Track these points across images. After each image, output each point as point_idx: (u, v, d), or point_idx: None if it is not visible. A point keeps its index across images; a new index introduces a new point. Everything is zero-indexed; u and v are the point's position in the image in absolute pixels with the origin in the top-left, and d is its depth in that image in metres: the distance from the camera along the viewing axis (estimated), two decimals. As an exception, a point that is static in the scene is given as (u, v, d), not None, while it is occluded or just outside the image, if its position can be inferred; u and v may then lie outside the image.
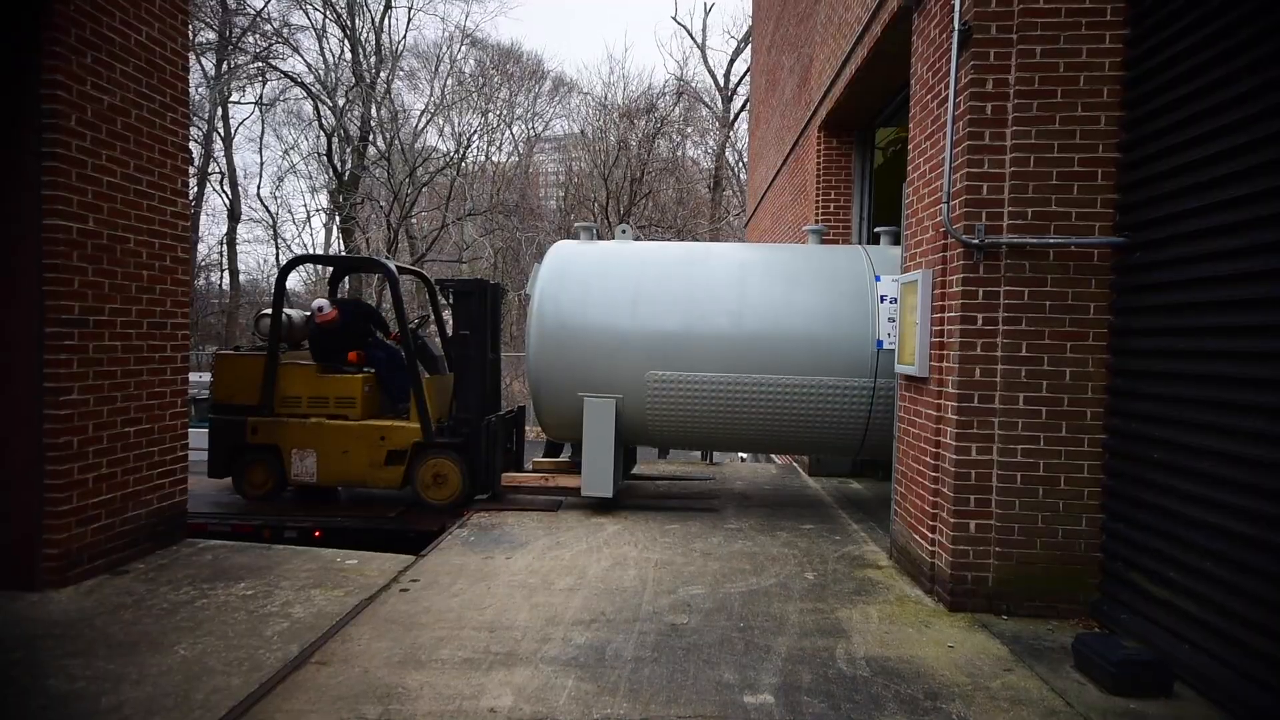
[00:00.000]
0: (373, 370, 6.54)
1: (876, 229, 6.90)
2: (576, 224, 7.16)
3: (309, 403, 6.31)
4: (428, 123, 29.26)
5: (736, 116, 32.47)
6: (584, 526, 5.78)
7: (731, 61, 36.14)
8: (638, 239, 7.19)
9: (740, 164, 32.62)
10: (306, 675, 3.22)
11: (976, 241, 3.97)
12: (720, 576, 4.64)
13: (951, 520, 4.06)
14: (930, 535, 4.30)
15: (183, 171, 5.13)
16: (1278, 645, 2.84)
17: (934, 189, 4.41)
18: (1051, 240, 3.94)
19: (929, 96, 4.54)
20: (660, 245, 6.93)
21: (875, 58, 6.10)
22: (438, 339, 7.82)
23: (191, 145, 5.37)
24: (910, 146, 4.86)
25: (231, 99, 28.46)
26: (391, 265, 6.66)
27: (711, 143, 31.25)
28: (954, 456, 4.05)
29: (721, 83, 32.68)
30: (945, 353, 4.19)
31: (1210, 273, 3.37)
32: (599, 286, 6.13)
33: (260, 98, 29.59)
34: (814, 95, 8.33)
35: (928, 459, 4.35)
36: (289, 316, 6.66)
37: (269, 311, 6.66)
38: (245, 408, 6.28)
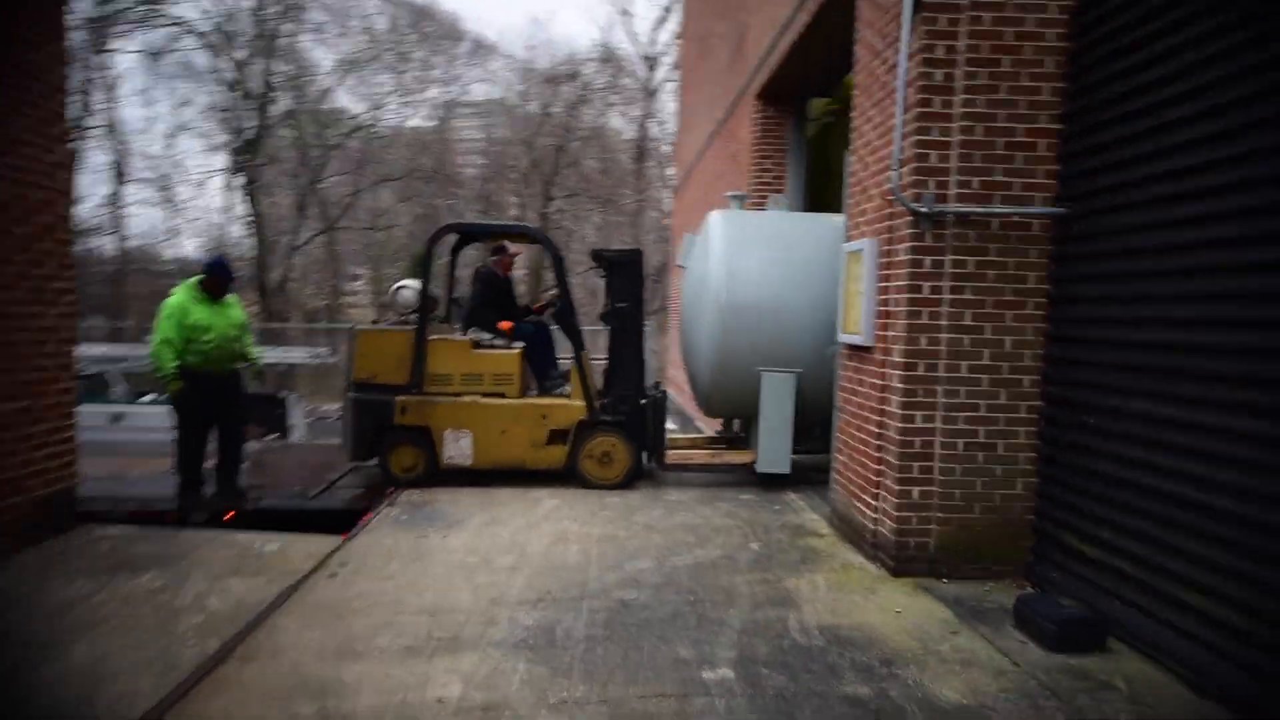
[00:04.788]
0: (523, 345, 6.18)
1: (729, 193, 6.86)
2: (727, 193, 6.88)
3: (461, 380, 5.92)
4: (338, 81, 27.71)
5: (660, 86, 32.20)
6: (520, 502, 5.59)
7: (655, 29, 35.69)
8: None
9: (663, 135, 32.48)
10: (229, 672, 2.95)
11: (925, 210, 3.96)
12: (665, 550, 4.56)
13: (896, 488, 4.10)
14: (873, 503, 4.34)
15: (61, 116, 4.57)
16: (1208, 600, 2.97)
17: (880, 157, 4.37)
18: (997, 210, 3.97)
19: (876, 62, 4.49)
20: (825, 216, 6.62)
21: (817, 24, 6.03)
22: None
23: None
24: (854, 114, 4.82)
25: (112, 47, 26.06)
26: (546, 235, 6.39)
27: (635, 112, 30.90)
28: (899, 425, 4.08)
29: (646, 51, 32.31)
30: (891, 321, 4.20)
31: (1148, 243, 3.46)
32: (778, 257, 5.95)
33: (147, 46, 27.23)
34: (749, 62, 8.22)
35: (871, 427, 4.37)
36: (414, 290, 6.16)
37: (409, 283, 6.24)
38: (391, 387, 5.84)
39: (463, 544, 4.59)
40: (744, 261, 5.99)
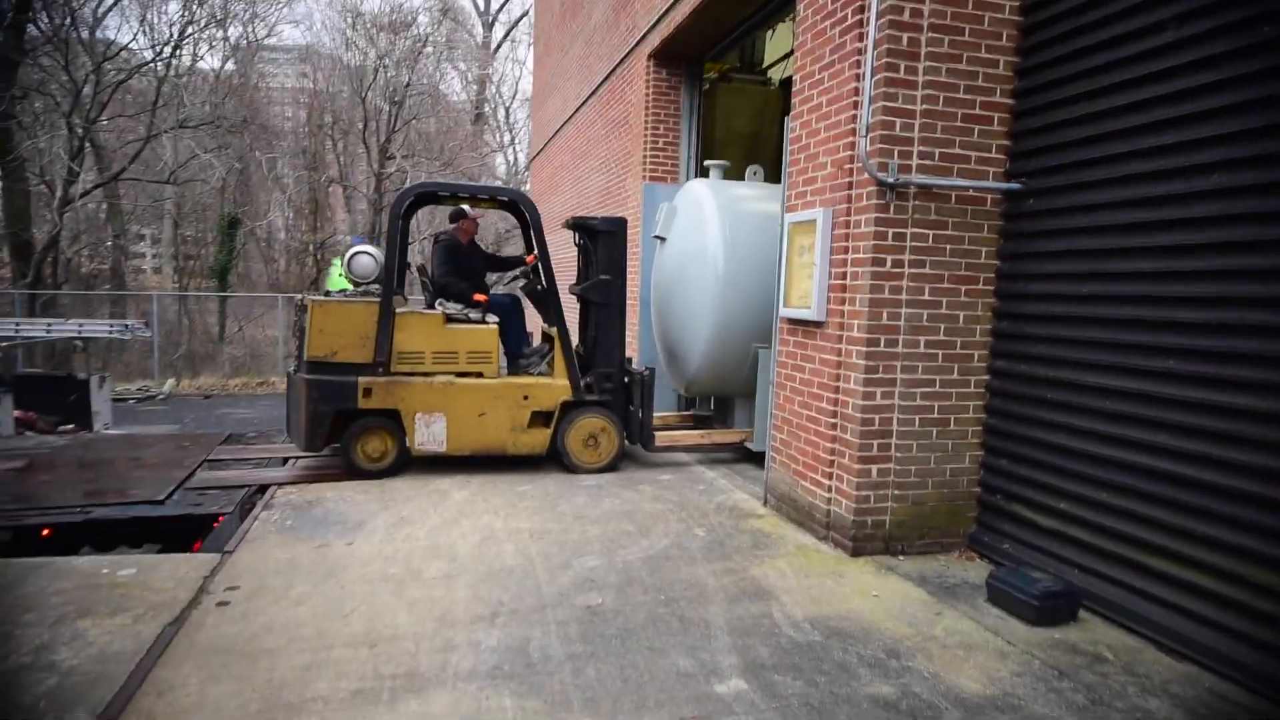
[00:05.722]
0: (498, 320, 5.62)
1: (707, 162, 6.65)
2: (707, 161, 6.39)
3: (433, 359, 5.36)
4: (114, 5, 23.57)
5: (499, 46, 30.76)
6: (424, 496, 4.93)
7: (494, -15, 33.94)
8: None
9: (499, 97, 31.11)
10: (121, 758, 2.20)
11: (892, 180, 3.83)
12: (609, 542, 4.18)
13: (856, 467, 3.99)
14: (827, 482, 4.22)
15: None
16: (1177, 566, 3.10)
17: (833, 124, 4.19)
18: (956, 183, 3.92)
19: (828, 23, 4.28)
20: None
21: (734, -19, 5.75)
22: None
23: None
24: (798, 77, 4.60)
25: None
26: (526, 198, 5.88)
27: (472, 73, 29.24)
28: (860, 402, 3.96)
29: (481, 7, 30.64)
30: (849, 295, 4.05)
31: (1093, 222, 3.53)
32: (770, 230, 5.47)
33: None
34: (640, 22, 7.80)
35: (824, 405, 4.23)
36: (372, 256, 5.64)
37: (367, 249, 5.66)
38: (352, 366, 5.17)
39: (375, 551, 3.91)
40: (740, 234, 5.70)
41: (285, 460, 5.73)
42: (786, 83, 8.77)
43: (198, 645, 2.87)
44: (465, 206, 6.04)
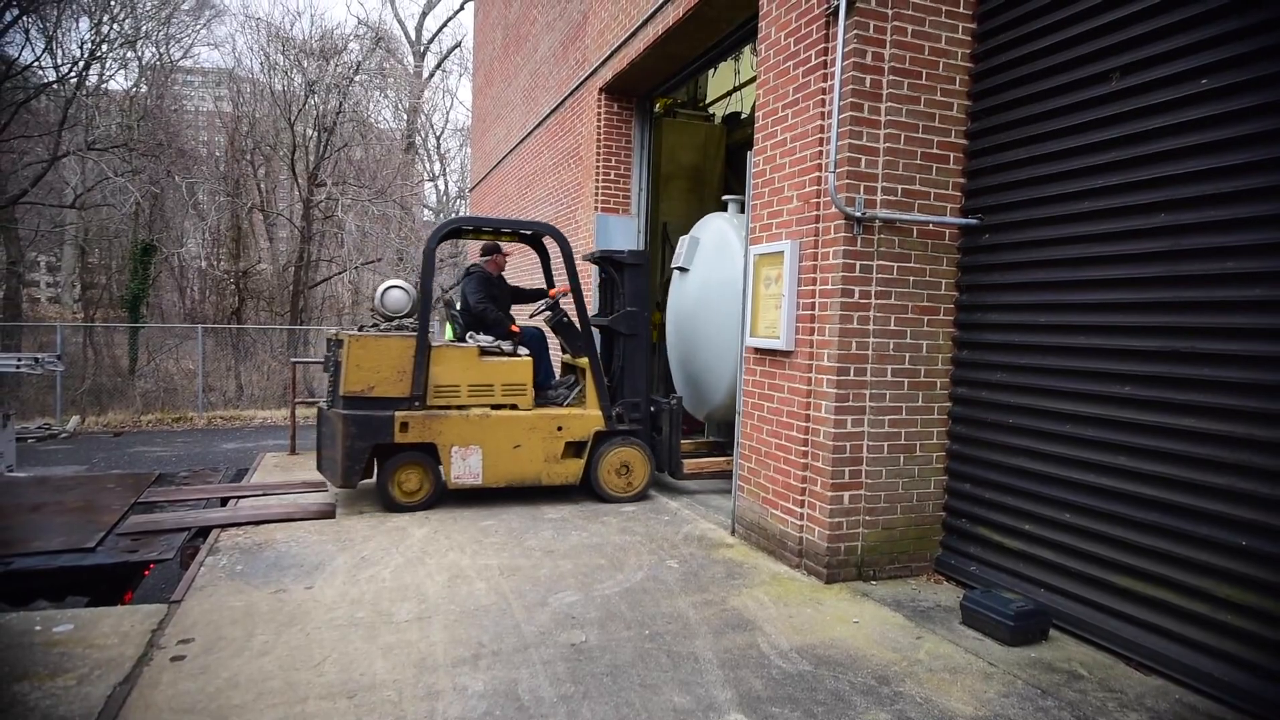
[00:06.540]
0: (528, 352, 5.70)
1: (725, 197, 6.69)
2: (726, 196, 6.49)
3: (469, 392, 5.41)
4: (15, 19, 22.27)
5: (431, 75, 30.54)
6: (383, 535, 4.72)
7: (424, 15, 33.97)
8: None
9: (429, 126, 30.81)
10: (85, 837, 1.98)
11: (859, 214, 3.95)
12: (583, 577, 4.08)
13: (828, 494, 4.05)
14: (799, 510, 4.26)
15: None
16: (1141, 583, 3.25)
17: (799, 158, 4.31)
18: (918, 217, 4.09)
19: (790, 63, 4.43)
20: None
21: (691, 20, 5.89)
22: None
23: None
24: (760, 113, 4.73)
25: None
26: (559, 231, 5.90)
27: (404, 102, 28.86)
28: (831, 430, 4.03)
29: (413, 36, 30.42)
30: (819, 325, 4.14)
31: (1047, 256, 3.74)
32: None
33: None
34: (591, 56, 7.89)
35: (795, 433, 4.29)
36: (404, 290, 5.83)
37: (399, 283, 5.84)
38: (389, 400, 5.20)
39: (339, 595, 3.70)
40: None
41: (224, 500, 5.39)
42: (729, 119, 9.04)
43: (155, 706, 2.63)
44: (499, 242, 6.17)
